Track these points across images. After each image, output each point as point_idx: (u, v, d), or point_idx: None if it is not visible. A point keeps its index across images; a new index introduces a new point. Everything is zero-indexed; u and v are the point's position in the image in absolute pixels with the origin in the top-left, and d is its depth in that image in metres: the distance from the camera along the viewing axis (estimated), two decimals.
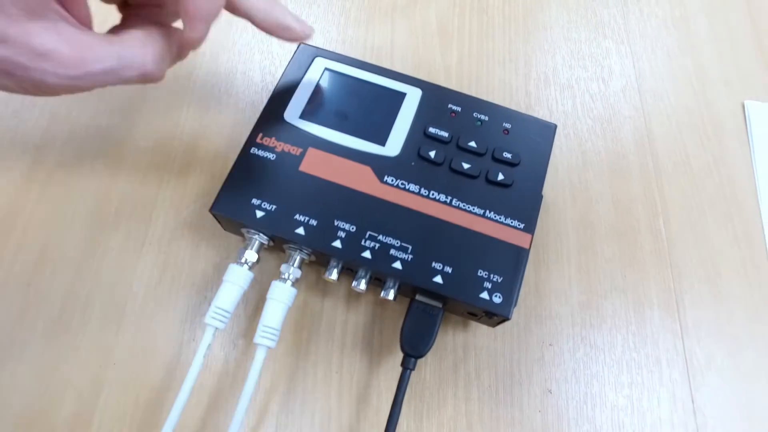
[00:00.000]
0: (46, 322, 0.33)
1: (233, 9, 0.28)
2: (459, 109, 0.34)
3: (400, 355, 0.30)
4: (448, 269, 0.29)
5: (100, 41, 0.25)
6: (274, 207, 0.30)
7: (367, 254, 0.29)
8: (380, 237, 0.29)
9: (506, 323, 0.34)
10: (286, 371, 0.32)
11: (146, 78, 0.27)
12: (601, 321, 0.35)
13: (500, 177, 0.31)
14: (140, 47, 0.26)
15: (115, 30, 0.28)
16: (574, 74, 0.43)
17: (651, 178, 0.39)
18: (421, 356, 0.29)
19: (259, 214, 0.30)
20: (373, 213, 0.30)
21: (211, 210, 0.30)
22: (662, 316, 0.35)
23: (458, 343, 0.33)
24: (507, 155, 0.32)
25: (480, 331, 0.34)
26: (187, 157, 0.38)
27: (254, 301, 0.33)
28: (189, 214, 0.36)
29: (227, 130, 0.39)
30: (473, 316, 0.30)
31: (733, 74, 0.44)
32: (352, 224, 0.30)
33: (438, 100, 0.34)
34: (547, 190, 0.38)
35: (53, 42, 0.23)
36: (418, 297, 0.30)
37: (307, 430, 0.31)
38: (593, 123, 0.41)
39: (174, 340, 0.33)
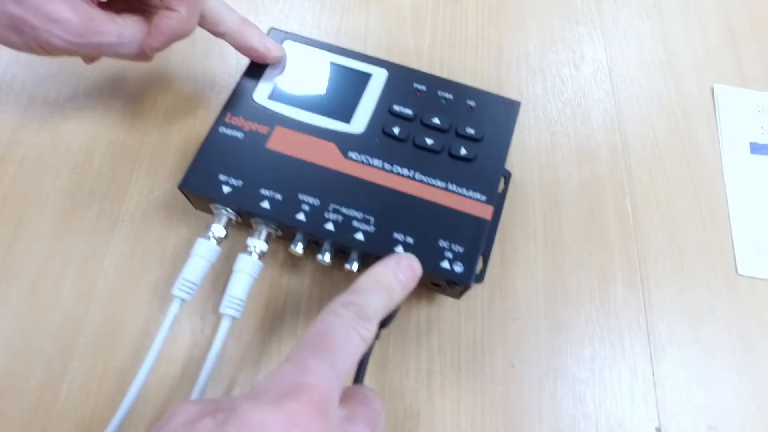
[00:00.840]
0: (18, 295, 0.33)
1: (209, 29, 0.33)
2: (424, 88, 0.34)
3: None
4: (410, 240, 0.29)
5: (105, 18, 0.29)
6: (241, 183, 0.31)
7: (329, 226, 0.30)
8: (343, 209, 0.30)
9: (471, 298, 0.34)
10: (255, 346, 0.33)
11: (138, 58, 0.31)
12: (566, 297, 0.35)
13: (463, 152, 0.32)
14: (138, 31, 0.30)
15: (106, 7, 0.31)
16: (545, 59, 0.44)
17: (619, 159, 0.40)
18: (384, 326, 0.30)
19: (226, 189, 0.31)
20: (336, 187, 0.31)
21: (180, 186, 0.31)
22: (626, 292, 0.36)
23: (422, 318, 0.34)
24: (470, 131, 0.33)
25: (444, 305, 0.34)
26: (162, 137, 0.38)
27: (225, 278, 0.34)
28: (162, 194, 0.37)
29: (202, 112, 0.40)
30: (437, 286, 0.31)
31: (703, 60, 0.44)
32: (316, 198, 0.30)
33: (403, 80, 0.35)
34: (515, 169, 0.39)
35: (65, 11, 0.27)
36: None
37: None
38: (563, 106, 0.42)
39: (144, 314, 0.33)
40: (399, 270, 0.26)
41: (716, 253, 0.37)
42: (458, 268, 0.29)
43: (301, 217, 0.30)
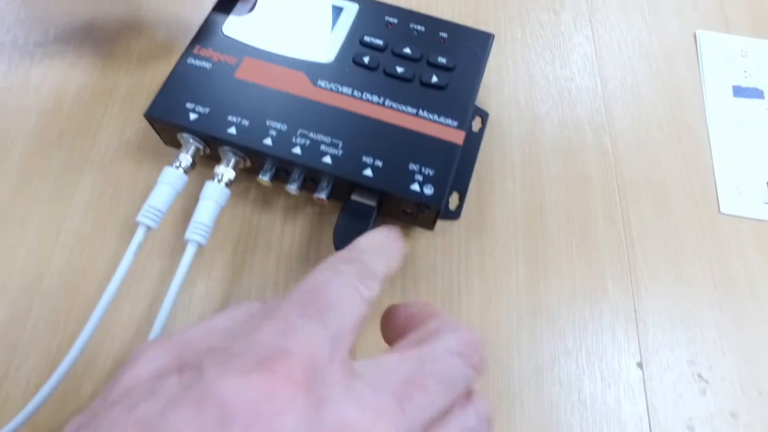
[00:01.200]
0: None
1: None
2: (395, 20, 0.34)
3: None
4: (379, 163, 0.29)
5: None
6: (208, 110, 0.30)
7: (297, 150, 0.29)
8: (311, 134, 0.29)
9: (447, 235, 0.34)
10: (223, 283, 0.32)
11: None
12: (545, 234, 0.35)
13: (434, 80, 0.31)
14: None
15: None
16: (524, 5, 0.43)
17: (599, 100, 0.39)
18: None
19: (193, 116, 0.30)
20: (304, 113, 0.30)
21: (146, 114, 0.30)
22: (607, 229, 0.35)
23: None
24: (442, 60, 0.32)
25: (419, 240, 0.34)
26: (134, 82, 0.38)
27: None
28: (133, 134, 0.36)
29: (175, 57, 0.39)
30: (409, 215, 0.30)
31: (685, 5, 0.44)
32: (283, 123, 0.30)
33: (375, 14, 0.34)
34: (493, 110, 0.38)
35: None
36: (352, 197, 0.30)
37: None
38: (542, 50, 0.41)
39: (113, 252, 0.33)
40: (391, 238, 0.24)
41: (699, 192, 0.37)
42: (428, 190, 0.28)
43: (268, 142, 0.29)
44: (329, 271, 0.20)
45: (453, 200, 0.34)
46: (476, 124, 0.37)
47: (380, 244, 0.23)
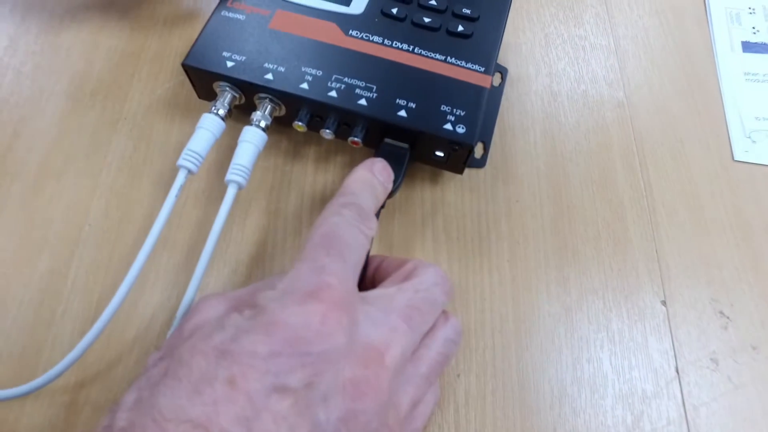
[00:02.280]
0: (22, 188, 0.33)
1: None
2: None
3: None
4: (412, 105, 0.30)
5: None
6: (244, 58, 0.31)
7: (333, 94, 0.30)
8: (345, 79, 0.30)
9: (474, 181, 0.35)
10: (260, 227, 0.33)
11: None
12: (567, 180, 0.36)
13: (460, 29, 0.33)
14: None
15: None
16: None
17: (612, 57, 0.41)
18: (390, 194, 0.30)
19: (230, 64, 0.31)
20: (338, 60, 0.31)
21: (184, 63, 0.31)
22: (626, 176, 0.36)
23: (426, 200, 0.34)
24: (466, 11, 0.33)
25: (448, 187, 0.35)
26: (162, 44, 0.39)
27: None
28: (164, 92, 0.37)
29: (201, 20, 0.40)
30: (440, 159, 0.31)
31: None
32: (318, 70, 0.31)
33: None
34: (511, 66, 0.39)
35: None
36: (386, 140, 0.31)
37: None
38: (556, 10, 0.42)
39: (148, 202, 0.33)
40: (376, 171, 0.28)
41: (712, 142, 0.38)
42: (460, 129, 0.29)
43: (305, 86, 0.30)
44: (335, 216, 0.24)
45: (478, 149, 0.36)
46: (496, 79, 0.38)
47: (365, 182, 0.27)
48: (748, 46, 0.41)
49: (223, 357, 0.18)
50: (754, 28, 0.42)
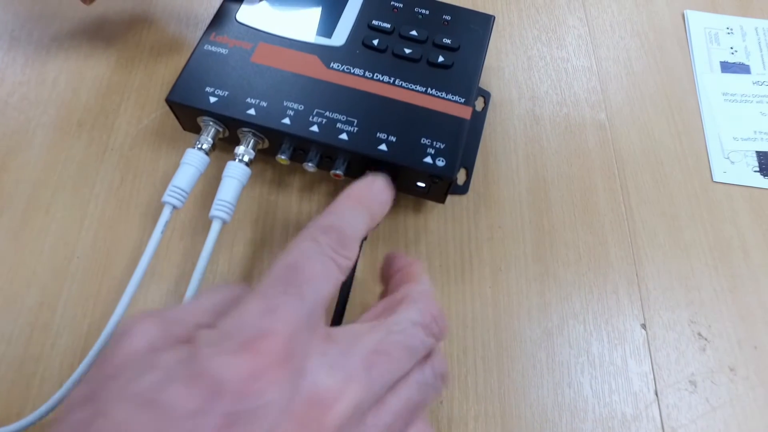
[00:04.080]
0: (9, 221, 0.34)
1: None
2: (401, 5, 0.35)
3: None
4: (393, 138, 0.30)
5: None
6: (227, 93, 0.31)
7: (314, 128, 0.30)
8: (327, 113, 0.31)
9: (457, 208, 0.35)
10: (245, 260, 0.34)
11: None
12: (549, 206, 0.36)
13: (441, 59, 0.33)
14: None
15: None
16: None
17: (594, 78, 0.41)
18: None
19: (213, 99, 0.31)
20: (320, 94, 0.32)
21: (168, 99, 0.31)
22: (607, 199, 0.37)
23: (409, 226, 0.35)
24: (447, 41, 0.34)
25: (431, 215, 0.35)
26: (149, 72, 0.39)
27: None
28: (151, 122, 0.37)
29: (187, 48, 0.40)
30: (421, 189, 0.32)
31: None
32: (300, 104, 0.31)
33: None
34: (494, 90, 0.40)
35: None
36: (368, 173, 0.31)
37: None
38: (538, 32, 0.43)
39: (136, 235, 0.34)
40: (376, 190, 0.26)
41: (692, 163, 0.39)
42: (440, 162, 0.30)
43: (286, 121, 0.30)
44: (308, 242, 0.22)
45: (460, 176, 0.36)
46: (479, 104, 0.39)
47: (359, 202, 0.25)
48: (726, 66, 0.42)
49: (146, 408, 0.17)
50: (731, 48, 0.43)
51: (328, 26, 0.34)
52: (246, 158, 0.31)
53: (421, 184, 0.31)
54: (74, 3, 0.40)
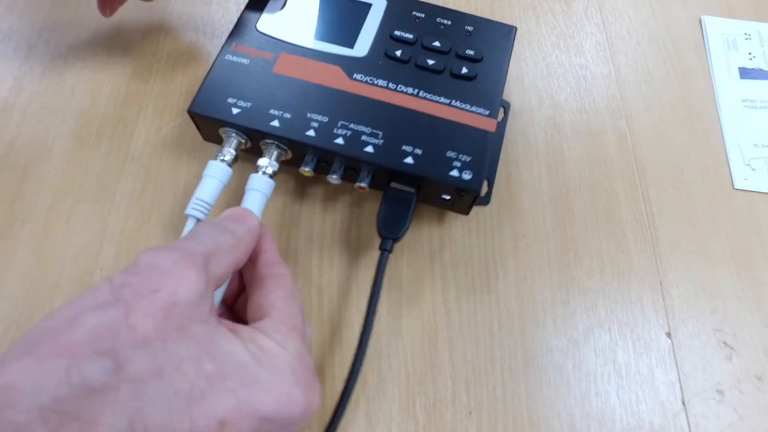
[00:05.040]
0: (31, 233, 0.33)
1: None
2: (422, 15, 0.35)
3: (377, 251, 0.31)
4: (418, 151, 0.30)
5: None
6: (250, 104, 0.31)
7: (339, 141, 0.30)
8: (351, 125, 0.31)
9: (480, 218, 0.35)
10: None
11: None
12: (572, 213, 0.36)
13: (464, 71, 0.33)
14: None
15: None
16: None
17: (613, 86, 0.41)
18: (397, 238, 0.31)
19: (236, 111, 0.31)
20: (343, 105, 0.31)
21: (189, 110, 0.31)
22: (629, 208, 0.37)
23: (434, 237, 0.35)
24: (470, 52, 0.34)
25: (455, 224, 0.35)
26: (166, 81, 0.39)
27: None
28: (170, 131, 0.37)
29: (204, 57, 0.40)
30: (446, 201, 0.32)
31: None
32: (324, 116, 0.31)
33: (402, 9, 0.36)
34: (514, 99, 0.39)
35: None
36: (392, 184, 0.31)
37: None
38: (557, 39, 0.43)
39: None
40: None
41: (712, 170, 0.39)
42: (467, 175, 0.30)
43: (311, 133, 0.30)
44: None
45: (483, 187, 0.36)
46: (499, 114, 0.38)
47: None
48: (745, 72, 0.42)
49: (223, 393, 0.19)
50: (750, 53, 0.43)
51: (350, 36, 0.34)
52: (270, 170, 0.31)
53: (446, 197, 0.31)
54: (91, 11, 0.40)
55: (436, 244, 0.34)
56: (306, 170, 0.31)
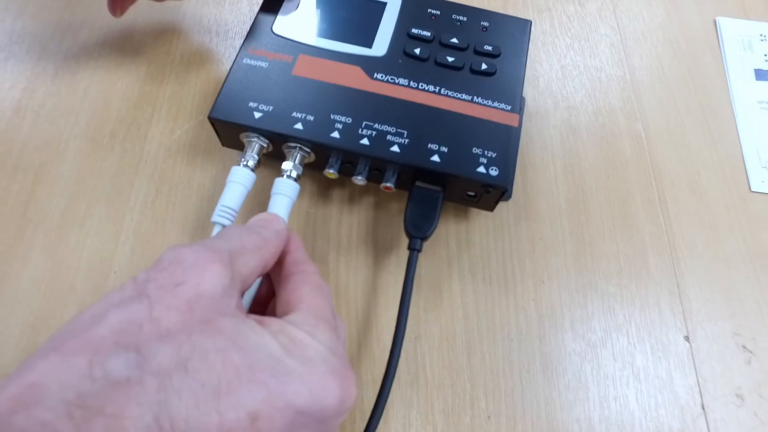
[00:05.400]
0: (45, 236, 0.33)
1: None
2: (438, 12, 0.35)
3: (404, 252, 0.31)
4: (444, 149, 0.30)
5: None
6: (271, 108, 0.31)
7: (365, 141, 0.30)
8: (376, 125, 0.30)
9: (498, 219, 0.35)
10: None
11: None
12: (588, 216, 0.36)
13: (483, 67, 0.33)
14: None
15: None
16: None
17: (628, 88, 0.41)
18: (425, 237, 0.30)
19: (258, 115, 0.31)
20: (366, 105, 0.31)
21: (210, 116, 0.31)
22: (645, 210, 0.36)
23: (451, 239, 0.34)
24: (488, 48, 0.33)
25: (471, 227, 0.35)
26: (180, 81, 0.39)
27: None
28: (184, 132, 0.37)
29: (218, 57, 0.40)
30: (471, 198, 0.32)
31: None
32: (347, 117, 0.31)
33: (417, 6, 0.36)
34: (530, 101, 0.39)
35: None
36: (417, 183, 0.31)
37: None
38: (571, 41, 0.43)
39: None
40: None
41: (729, 173, 0.38)
42: (494, 171, 0.30)
43: (336, 135, 0.30)
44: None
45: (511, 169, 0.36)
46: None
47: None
48: (761, 74, 0.42)
49: (256, 384, 0.19)
50: (766, 55, 0.43)
51: (367, 36, 0.34)
52: (294, 174, 0.30)
53: (471, 193, 0.31)
54: (103, 12, 0.39)
55: (453, 247, 0.34)
56: (331, 172, 0.31)
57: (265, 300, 0.28)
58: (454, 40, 0.34)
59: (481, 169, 0.29)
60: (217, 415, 0.17)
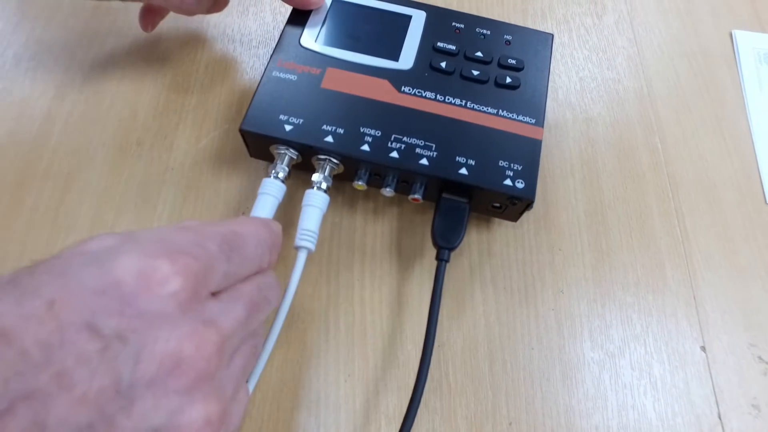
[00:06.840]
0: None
1: None
2: (462, 26, 0.36)
3: (428, 262, 0.32)
4: (472, 162, 0.31)
5: None
6: (302, 120, 0.32)
7: (394, 154, 0.31)
8: (405, 138, 0.31)
9: (518, 230, 0.36)
10: (311, 283, 0.34)
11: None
12: (606, 227, 0.37)
13: (508, 80, 0.34)
14: None
15: None
16: (569, 10, 0.45)
17: (646, 101, 0.41)
18: (453, 248, 0.31)
19: (288, 127, 0.31)
20: (395, 119, 0.32)
21: (242, 128, 0.31)
22: (662, 222, 0.37)
23: (473, 250, 0.35)
24: (512, 61, 0.34)
25: (492, 238, 0.35)
26: (205, 91, 0.39)
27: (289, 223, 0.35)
28: (209, 141, 0.37)
29: (242, 67, 0.40)
30: (496, 209, 0.32)
31: (720, 5, 0.46)
32: (377, 130, 0.31)
33: (442, 20, 0.36)
34: (548, 112, 0.40)
35: None
36: (444, 195, 0.32)
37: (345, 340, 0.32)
38: (589, 53, 0.43)
39: None
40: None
41: (744, 185, 0.39)
42: (520, 184, 0.30)
43: (366, 148, 0.31)
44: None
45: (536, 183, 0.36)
46: None
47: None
48: None
49: (55, 275, 0.18)
50: None
51: (393, 49, 0.35)
52: (324, 185, 0.31)
53: (497, 205, 0.32)
54: (129, 20, 0.40)
55: (475, 257, 0.35)
56: (359, 184, 0.32)
57: None
58: (479, 53, 0.34)
59: (508, 182, 0.30)
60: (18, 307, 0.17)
